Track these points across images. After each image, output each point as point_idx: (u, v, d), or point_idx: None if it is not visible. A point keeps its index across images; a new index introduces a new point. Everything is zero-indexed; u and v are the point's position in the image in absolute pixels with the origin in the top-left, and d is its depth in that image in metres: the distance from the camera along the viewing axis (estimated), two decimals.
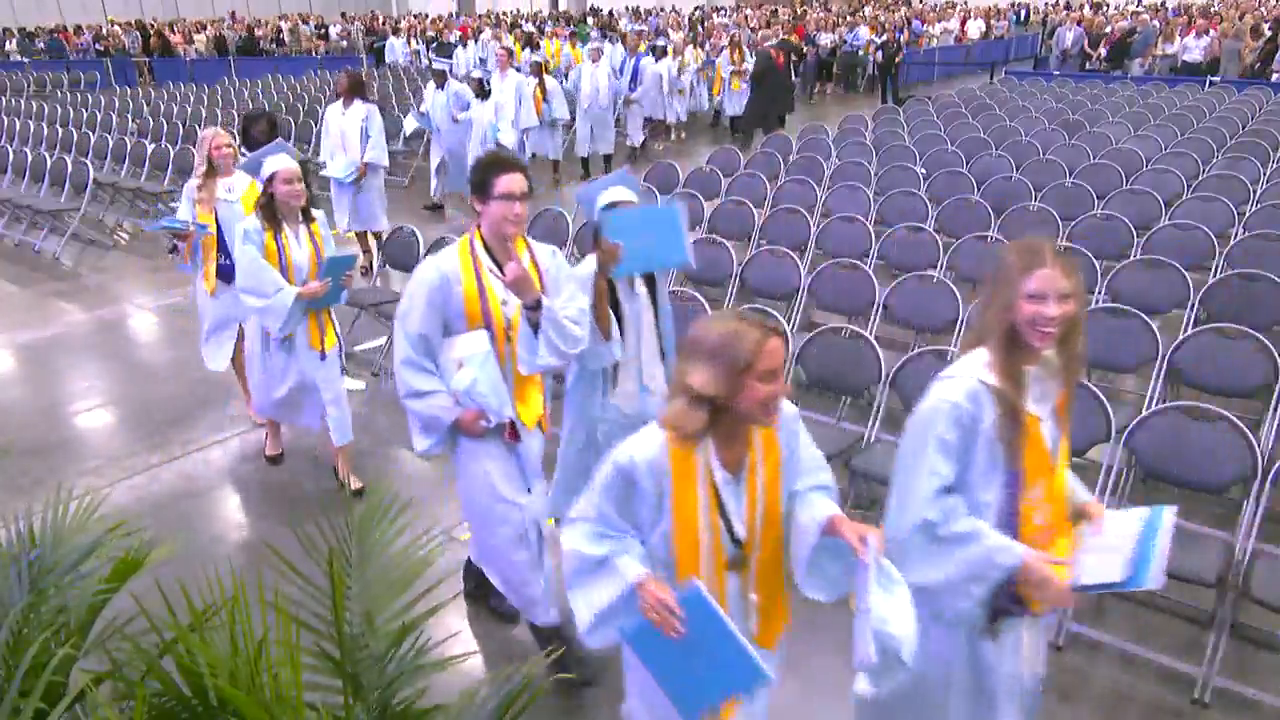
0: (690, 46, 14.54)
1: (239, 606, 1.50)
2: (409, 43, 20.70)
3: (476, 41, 19.23)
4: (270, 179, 3.86)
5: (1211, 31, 14.82)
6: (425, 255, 5.78)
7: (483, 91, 9.46)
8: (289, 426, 4.64)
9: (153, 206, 9.45)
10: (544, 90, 10.35)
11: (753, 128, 12.87)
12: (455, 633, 3.30)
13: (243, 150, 5.35)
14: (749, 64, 13.23)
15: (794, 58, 14.22)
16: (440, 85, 9.34)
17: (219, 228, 4.53)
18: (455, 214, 9.62)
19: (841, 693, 3.05)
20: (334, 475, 4.39)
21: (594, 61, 11.42)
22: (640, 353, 3.12)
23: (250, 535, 4.00)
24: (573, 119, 11.39)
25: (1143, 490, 3.99)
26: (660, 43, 13.33)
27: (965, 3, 27.56)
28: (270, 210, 3.90)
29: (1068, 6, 24.48)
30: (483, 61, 15.72)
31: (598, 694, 3.06)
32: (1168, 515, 1.97)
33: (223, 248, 4.54)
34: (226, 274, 4.46)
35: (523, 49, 14.95)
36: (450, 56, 13.85)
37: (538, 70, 10.52)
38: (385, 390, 5.47)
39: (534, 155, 10.64)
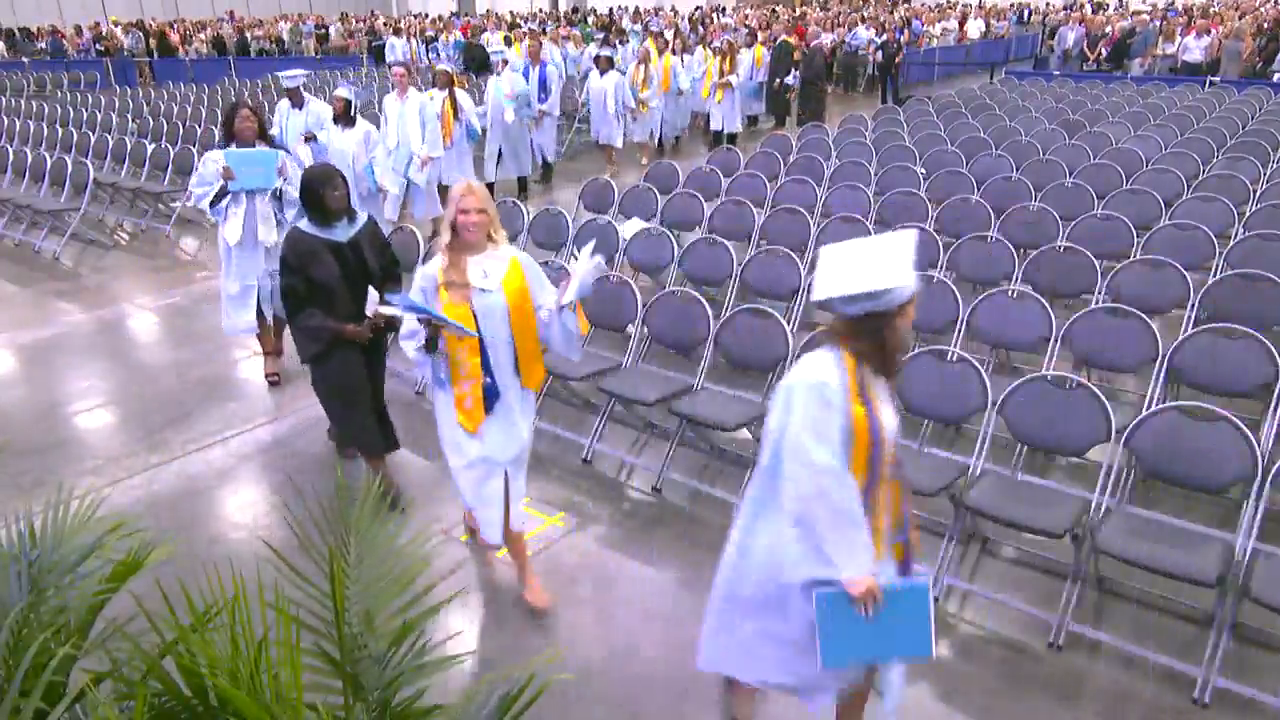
0: (700, 47, 14.02)
1: (239, 606, 1.50)
2: (409, 43, 20.69)
3: (476, 39, 19.21)
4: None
5: (1211, 31, 14.81)
6: (426, 255, 5.80)
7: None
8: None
9: (153, 207, 9.46)
10: (456, 107, 8.65)
11: (810, 119, 12.34)
12: (455, 633, 3.30)
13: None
14: (744, 71, 12.46)
15: (794, 58, 14.14)
16: (297, 104, 7.22)
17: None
18: None
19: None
20: (335, 474, 4.40)
21: (497, 73, 9.90)
22: None
23: (250, 535, 4.00)
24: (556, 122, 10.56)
25: (1143, 490, 4.00)
26: (605, 52, 11.75)
27: (965, 2, 27.53)
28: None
29: (1067, 7, 24.46)
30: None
31: (598, 695, 3.06)
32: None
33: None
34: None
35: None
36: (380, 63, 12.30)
37: (447, 82, 8.65)
38: (385, 391, 5.46)
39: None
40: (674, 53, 12.57)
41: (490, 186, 9.56)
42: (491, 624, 3.44)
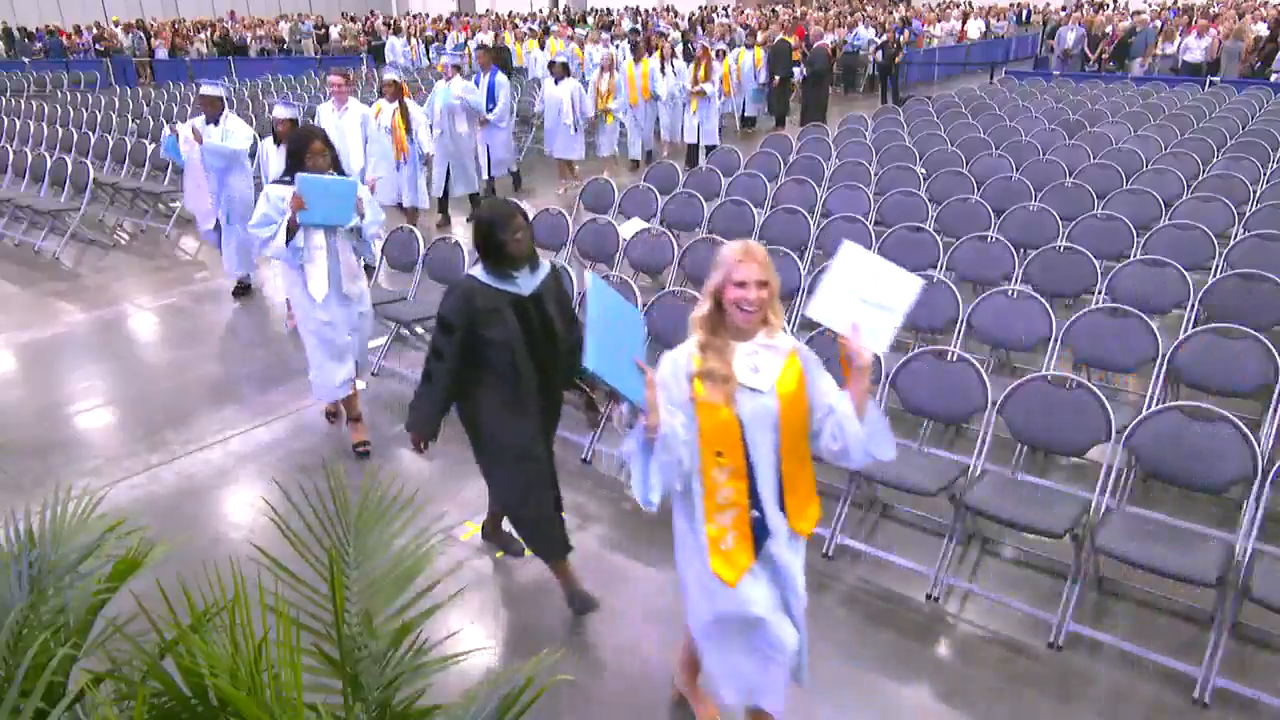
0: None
1: (239, 606, 1.50)
2: (409, 42, 20.70)
3: (472, 39, 19.20)
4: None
5: (1212, 31, 14.81)
6: (426, 255, 5.81)
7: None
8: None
9: (153, 207, 9.46)
10: (408, 121, 7.88)
11: (812, 120, 12.00)
12: (455, 632, 3.30)
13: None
14: (719, 79, 11.43)
15: (794, 57, 14.12)
16: (213, 119, 6.53)
17: None
18: None
19: (840, 693, 3.06)
20: (335, 475, 4.40)
21: (447, 79, 8.99)
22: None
23: (250, 535, 4.00)
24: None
25: (1143, 490, 4.00)
26: (561, 59, 10.62)
27: (965, 2, 27.54)
28: None
29: (1065, 8, 24.47)
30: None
31: (598, 694, 3.06)
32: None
33: None
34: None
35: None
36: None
37: (396, 93, 7.88)
38: (385, 391, 5.47)
39: (406, 207, 8.30)
40: (664, 57, 11.48)
41: (442, 203, 9.09)
42: (491, 624, 3.44)
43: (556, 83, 10.16)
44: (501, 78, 9.51)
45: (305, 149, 4.19)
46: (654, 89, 11.31)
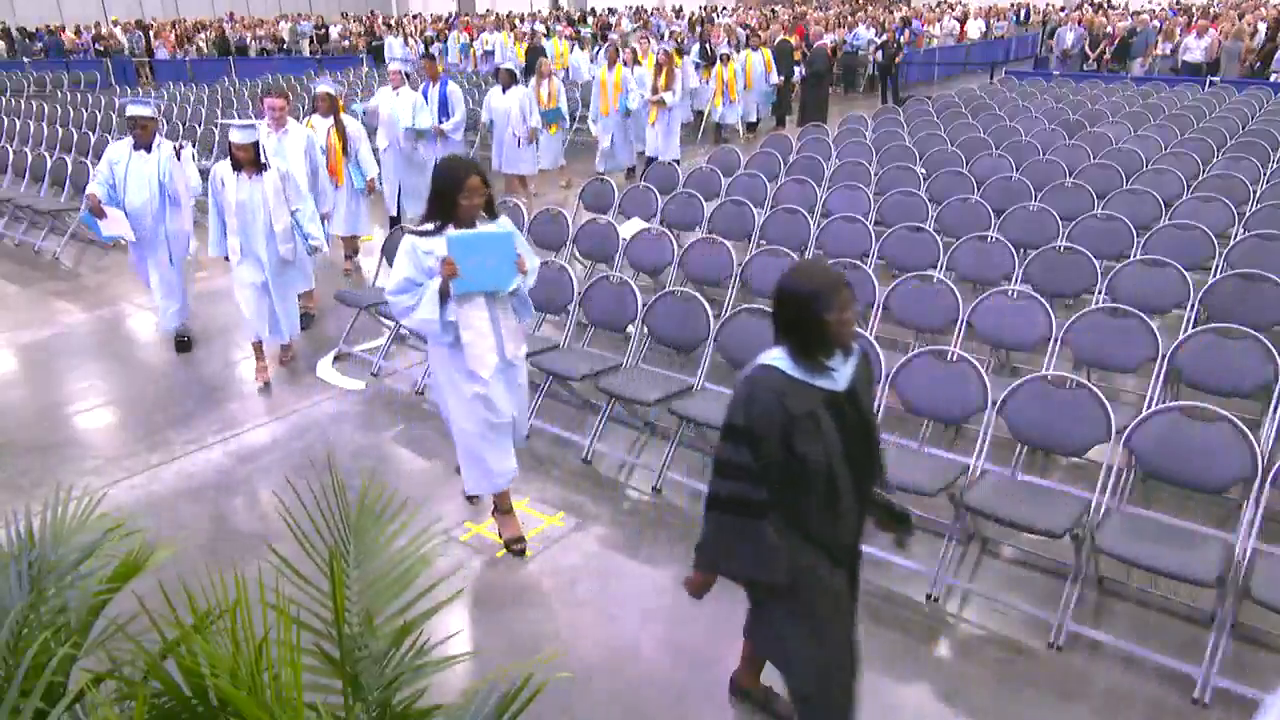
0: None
1: (240, 606, 1.50)
2: (408, 43, 20.69)
3: (475, 39, 19.20)
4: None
5: (1211, 31, 14.82)
6: None
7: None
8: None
9: None
10: (345, 140, 6.99)
11: (812, 120, 11.70)
12: (455, 633, 3.30)
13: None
14: (681, 89, 10.64)
15: (794, 57, 14.11)
16: (143, 145, 5.64)
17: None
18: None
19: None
20: (334, 473, 4.40)
21: (395, 87, 8.26)
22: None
23: (250, 535, 4.00)
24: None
25: (1143, 490, 4.00)
26: (507, 65, 9.81)
27: (965, 2, 27.54)
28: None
29: (1064, 8, 24.48)
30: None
31: (598, 695, 3.06)
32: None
33: None
34: None
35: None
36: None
37: (330, 109, 6.96)
38: (385, 390, 5.47)
39: (345, 235, 7.54)
40: (626, 64, 10.62)
41: (394, 220, 8.30)
42: (491, 624, 3.44)
43: (504, 91, 9.27)
44: (454, 88, 8.68)
45: (458, 187, 3.28)
46: (623, 101, 10.41)
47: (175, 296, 6.00)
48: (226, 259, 5.31)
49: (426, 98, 8.49)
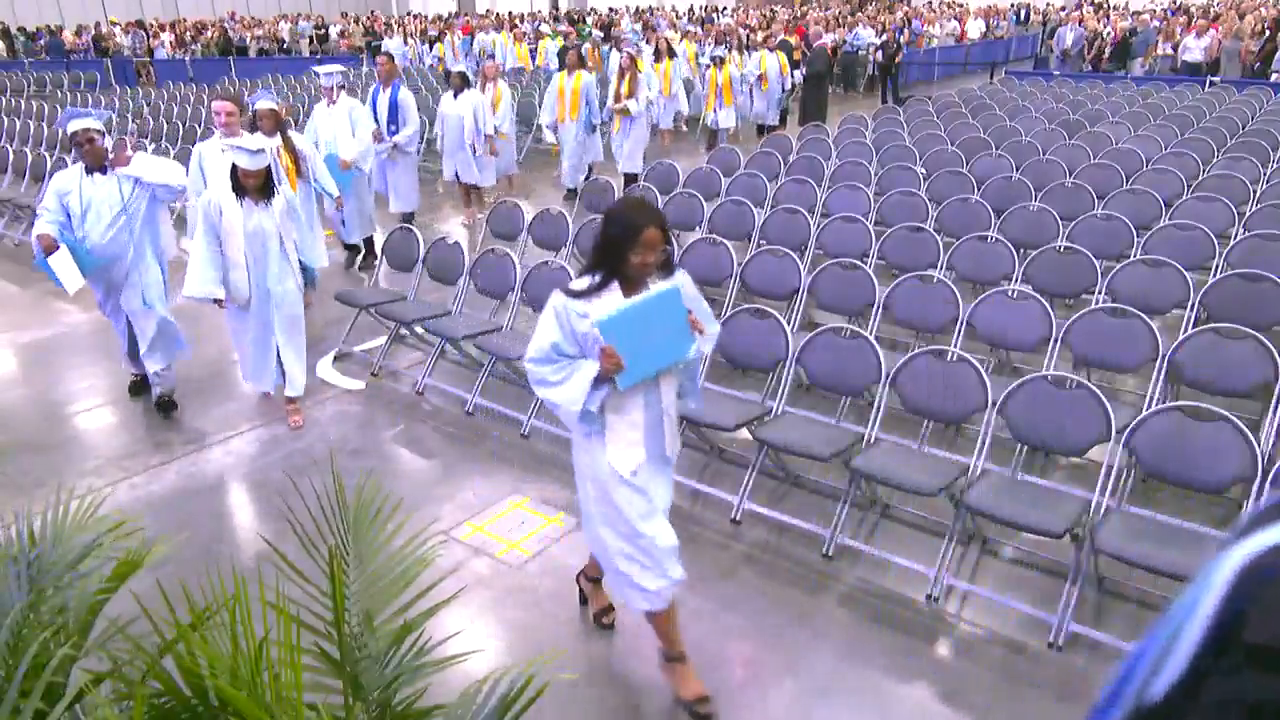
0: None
1: (240, 606, 1.51)
2: (407, 42, 20.70)
3: (472, 39, 19.18)
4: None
5: (1211, 31, 14.82)
6: (426, 255, 5.81)
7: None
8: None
9: None
10: (296, 158, 6.15)
11: (812, 119, 11.65)
12: (455, 633, 3.29)
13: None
14: (651, 94, 9.95)
15: (794, 57, 14.09)
16: (97, 168, 4.69)
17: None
18: None
19: (840, 693, 3.06)
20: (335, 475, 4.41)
21: (330, 102, 7.18)
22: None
23: (250, 535, 4.00)
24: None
25: (1143, 490, 4.00)
26: (459, 67, 9.32)
27: (964, 2, 27.55)
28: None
29: (1064, 8, 24.49)
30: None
31: (598, 695, 3.06)
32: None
33: None
34: None
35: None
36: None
37: (275, 125, 6.09)
38: (384, 390, 5.47)
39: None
40: (569, 68, 9.65)
41: (353, 249, 7.80)
42: (491, 624, 3.44)
43: (455, 96, 8.58)
44: (406, 94, 7.98)
45: (631, 240, 2.56)
46: (585, 114, 9.61)
47: (166, 345, 5.03)
48: (216, 302, 4.63)
49: (375, 104, 7.81)
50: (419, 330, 5.60)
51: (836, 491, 3.91)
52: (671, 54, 11.91)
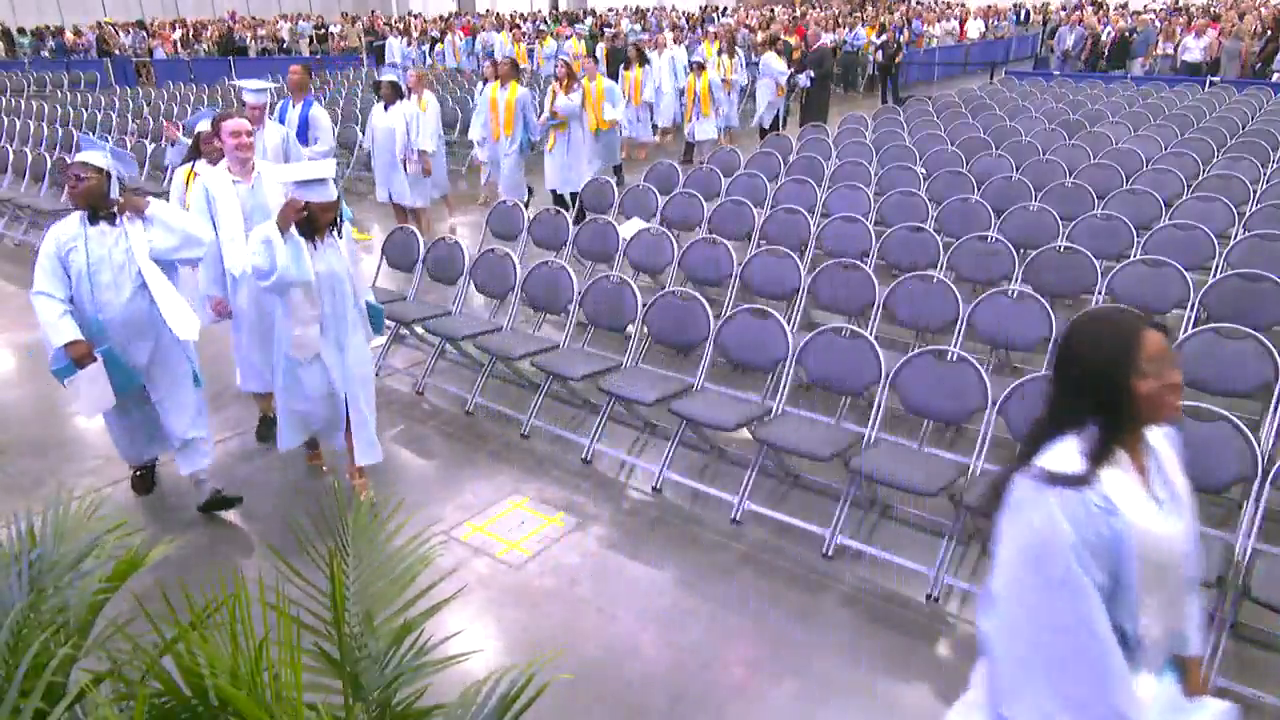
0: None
1: (240, 606, 1.51)
2: (408, 42, 20.69)
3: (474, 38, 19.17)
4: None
5: (1211, 31, 14.82)
6: (426, 255, 5.81)
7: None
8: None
9: None
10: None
11: (813, 120, 11.28)
12: (455, 633, 3.29)
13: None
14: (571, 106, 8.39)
15: (794, 57, 14.05)
16: (105, 215, 3.78)
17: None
18: None
19: (840, 693, 3.06)
20: (334, 475, 4.40)
21: (259, 123, 5.64)
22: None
23: (250, 535, 4.00)
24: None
25: None
26: (389, 75, 8.26)
27: (964, 2, 27.55)
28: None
29: (1064, 8, 24.49)
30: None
31: (598, 695, 3.06)
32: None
33: None
34: None
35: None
36: None
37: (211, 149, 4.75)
38: (384, 390, 5.47)
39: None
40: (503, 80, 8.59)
41: None
42: (491, 624, 3.44)
43: (386, 108, 7.77)
44: (319, 110, 7.18)
45: (1131, 360, 1.76)
46: (522, 131, 8.58)
47: (197, 417, 4.03)
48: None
49: (284, 121, 6.89)
50: (419, 330, 5.61)
51: (836, 491, 3.91)
52: (643, 61, 11.43)
